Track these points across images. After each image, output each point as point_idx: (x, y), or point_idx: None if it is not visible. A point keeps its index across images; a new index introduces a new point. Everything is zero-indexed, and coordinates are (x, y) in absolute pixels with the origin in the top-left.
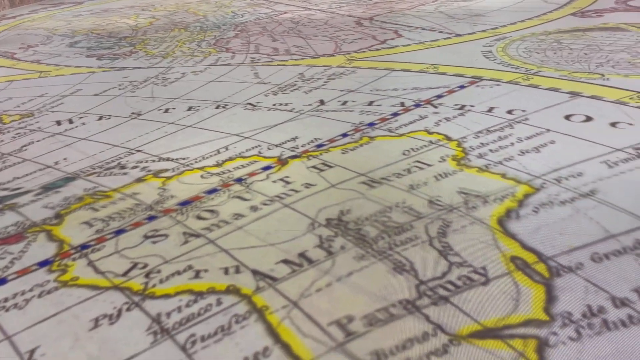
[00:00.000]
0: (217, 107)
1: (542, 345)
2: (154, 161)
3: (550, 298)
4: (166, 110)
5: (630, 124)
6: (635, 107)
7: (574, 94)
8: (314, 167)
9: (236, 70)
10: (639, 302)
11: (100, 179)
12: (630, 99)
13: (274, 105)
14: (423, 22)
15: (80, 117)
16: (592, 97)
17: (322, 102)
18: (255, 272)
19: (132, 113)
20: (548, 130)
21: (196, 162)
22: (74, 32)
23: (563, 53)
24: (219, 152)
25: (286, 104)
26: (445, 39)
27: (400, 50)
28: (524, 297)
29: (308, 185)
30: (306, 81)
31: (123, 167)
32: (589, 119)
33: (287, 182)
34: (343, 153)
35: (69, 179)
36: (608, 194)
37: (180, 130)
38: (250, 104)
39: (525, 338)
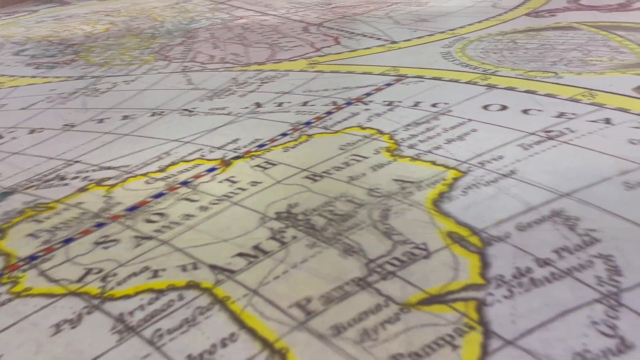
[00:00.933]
0: (153, 115)
1: (481, 305)
2: (94, 170)
3: (485, 264)
4: (101, 121)
5: (540, 110)
6: (544, 95)
7: (530, 92)
8: (258, 166)
9: (169, 78)
10: (559, 261)
11: (40, 192)
12: (583, 96)
13: (211, 110)
14: (368, 28)
15: (10, 132)
16: (547, 95)
17: (258, 105)
18: (213, 267)
19: (65, 125)
20: (469, 120)
21: (138, 168)
22: (28, 39)
23: (519, 52)
24: (160, 158)
25: (223, 108)
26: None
27: (362, 53)
28: (462, 266)
29: (254, 183)
30: (240, 85)
31: (63, 179)
32: (504, 107)
33: (233, 182)
34: (284, 151)
35: (6, 194)
36: (525, 172)
37: (117, 139)
38: (186, 109)
39: (466, 300)
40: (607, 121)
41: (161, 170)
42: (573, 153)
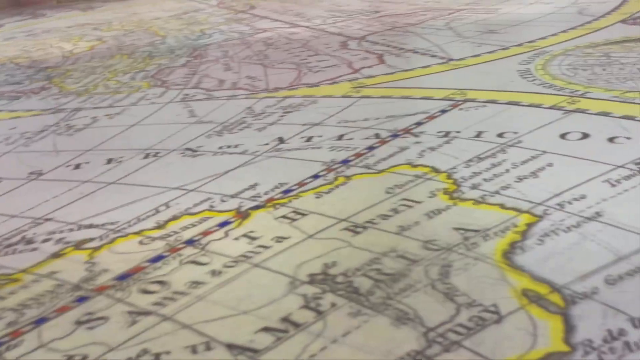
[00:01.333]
0: (146, 157)
1: None
2: (71, 230)
3: (569, 327)
4: (77, 166)
5: (629, 138)
6: (618, 116)
7: (628, 118)
8: (283, 217)
9: (165, 110)
10: None
11: (1, 260)
12: None
13: (221, 148)
14: (422, 42)
15: None
16: None
17: (281, 140)
18: (231, 347)
19: (31, 173)
20: (544, 152)
21: (130, 225)
22: None
23: (613, 69)
24: (157, 212)
25: (236, 146)
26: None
27: (420, 73)
28: (541, 330)
29: (280, 239)
30: (257, 116)
31: (30, 242)
32: (585, 135)
33: (253, 238)
34: (317, 197)
35: None
36: (614, 214)
37: (100, 189)
38: (189, 149)
39: None
40: None
41: (159, 226)
42: None
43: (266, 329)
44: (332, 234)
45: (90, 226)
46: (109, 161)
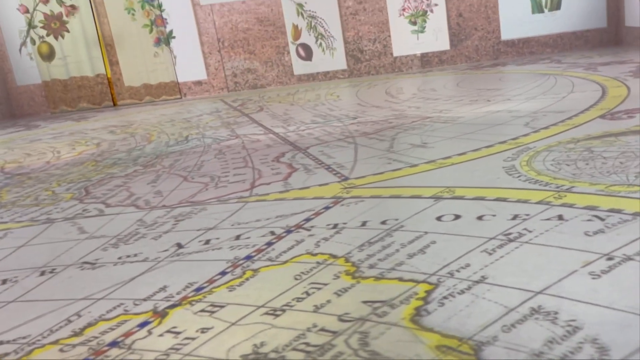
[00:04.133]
0: (43, 274)
1: None
2: None
3: None
4: None
5: (494, 215)
6: (632, 214)
7: (615, 212)
8: (202, 310)
9: (52, 229)
10: (551, 352)
11: None
12: None
13: (120, 258)
14: (346, 152)
15: None
16: (634, 213)
17: (180, 246)
18: None
19: None
20: (426, 232)
21: (44, 337)
22: None
23: (596, 163)
24: (70, 321)
25: (135, 255)
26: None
27: (408, 172)
28: None
29: (204, 330)
30: (150, 227)
31: None
32: (457, 217)
33: (177, 333)
34: (230, 291)
35: None
36: (495, 277)
37: (1, 309)
38: (87, 262)
39: None
40: None
41: (76, 334)
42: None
43: None
44: (253, 319)
45: (1, 343)
46: (4, 282)
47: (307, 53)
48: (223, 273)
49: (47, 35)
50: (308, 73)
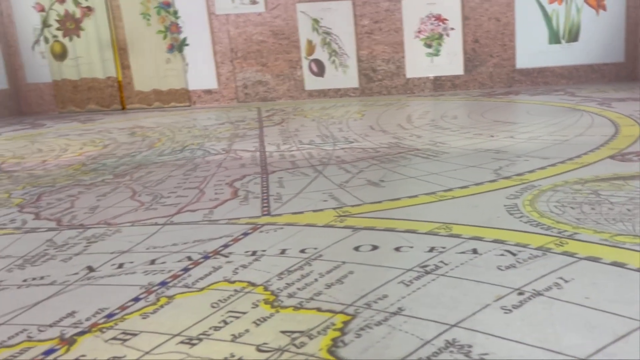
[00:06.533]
0: None
1: None
2: None
3: None
4: None
5: (411, 247)
6: (635, 269)
7: (618, 265)
8: (114, 338)
9: None
10: None
11: None
12: None
13: (25, 281)
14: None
15: None
16: (638, 270)
17: (91, 269)
18: None
19: None
20: (344, 262)
21: None
22: None
23: (602, 208)
24: None
25: (42, 277)
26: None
27: (406, 203)
28: None
29: (115, 359)
30: (59, 248)
31: None
32: (375, 247)
33: None
34: (143, 318)
35: None
36: (413, 308)
37: None
38: None
39: None
40: None
41: None
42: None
43: None
44: (168, 348)
45: None
46: None
47: (319, 69)
48: (136, 299)
49: (62, 35)
50: (319, 89)
